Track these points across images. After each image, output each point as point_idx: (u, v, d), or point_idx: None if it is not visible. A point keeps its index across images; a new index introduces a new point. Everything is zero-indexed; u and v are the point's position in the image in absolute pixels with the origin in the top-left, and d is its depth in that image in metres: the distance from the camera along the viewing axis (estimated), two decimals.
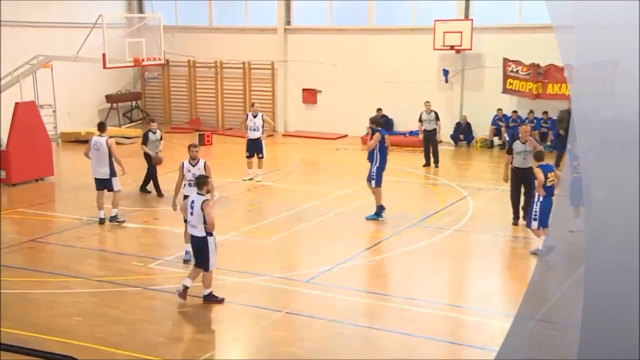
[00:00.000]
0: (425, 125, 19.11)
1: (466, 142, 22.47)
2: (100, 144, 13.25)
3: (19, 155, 16.65)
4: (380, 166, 13.49)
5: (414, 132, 22.80)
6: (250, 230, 13.22)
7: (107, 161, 13.25)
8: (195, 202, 9.39)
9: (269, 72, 25.43)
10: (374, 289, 9.90)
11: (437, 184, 17.40)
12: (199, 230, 9.40)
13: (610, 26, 5.53)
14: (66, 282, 10.49)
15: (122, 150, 21.73)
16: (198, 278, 9.71)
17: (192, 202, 9.46)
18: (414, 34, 23.03)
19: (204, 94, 26.88)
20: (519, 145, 12.83)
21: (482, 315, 9.35)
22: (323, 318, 9.23)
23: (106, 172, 13.32)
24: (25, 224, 13.73)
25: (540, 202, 11.27)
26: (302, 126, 24.96)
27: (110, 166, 13.31)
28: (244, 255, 11.93)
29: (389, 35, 23.54)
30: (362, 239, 12.71)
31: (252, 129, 16.94)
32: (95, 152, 13.32)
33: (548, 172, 11.32)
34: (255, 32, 25.55)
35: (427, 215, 14.07)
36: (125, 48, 19.28)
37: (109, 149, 13.22)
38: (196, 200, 9.41)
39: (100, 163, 13.26)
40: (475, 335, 8.81)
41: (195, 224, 9.42)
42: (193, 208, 9.40)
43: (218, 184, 16.63)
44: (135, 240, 12.80)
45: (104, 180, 13.38)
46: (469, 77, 22.62)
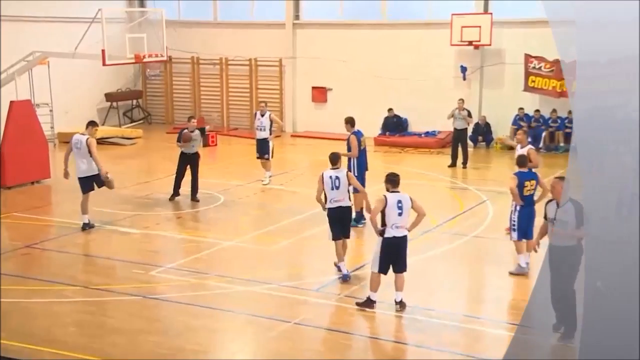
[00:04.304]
0: (457, 123, 19.14)
1: (485, 143, 22.39)
2: (80, 142, 13.23)
3: (13, 157, 16.70)
4: (358, 175, 12.96)
5: (430, 132, 22.78)
6: (257, 235, 13.21)
7: (89, 157, 13.18)
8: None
9: (276, 69, 25.45)
10: (387, 298, 9.85)
11: (455, 188, 17.33)
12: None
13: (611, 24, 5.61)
14: (63, 291, 10.50)
15: (123, 152, 21.97)
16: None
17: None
18: (430, 28, 22.97)
19: (208, 93, 26.93)
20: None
21: (501, 327, 9.28)
22: (333, 329, 9.20)
23: (89, 168, 13.21)
24: (21, 229, 13.77)
25: (518, 212, 11.05)
26: (311, 126, 24.94)
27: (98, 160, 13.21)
28: (250, 262, 11.91)
29: (403, 30, 23.49)
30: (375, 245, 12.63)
31: (259, 128, 16.94)
32: (76, 150, 13.30)
33: (526, 179, 11.07)
34: (262, 27, 25.58)
35: (445, 221, 14.01)
36: (126, 44, 19.30)
37: (88, 148, 13.14)
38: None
39: (84, 160, 13.24)
40: (494, 348, 8.74)
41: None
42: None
43: (223, 187, 16.68)
44: (135, 247, 12.80)
45: (88, 178, 13.29)
46: (488, 74, 22.53)
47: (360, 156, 13.37)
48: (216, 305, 10.01)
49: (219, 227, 13.87)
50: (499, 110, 22.31)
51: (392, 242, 9.58)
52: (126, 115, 27.28)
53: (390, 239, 9.57)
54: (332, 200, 10.87)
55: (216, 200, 15.59)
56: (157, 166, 19.80)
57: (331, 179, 10.83)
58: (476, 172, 19.21)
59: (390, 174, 9.77)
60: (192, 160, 15.34)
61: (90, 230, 13.35)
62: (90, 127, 13.48)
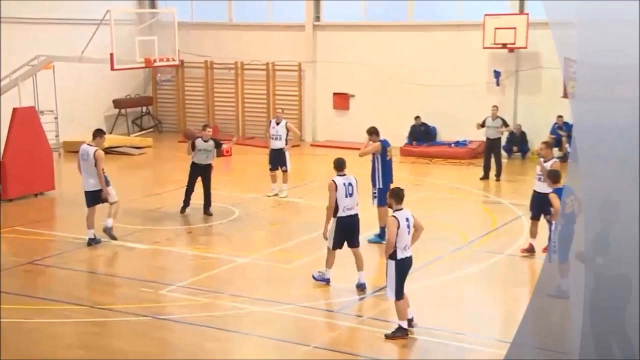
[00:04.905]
0: (489, 132, 19.08)
1: (521, 154, 22.27)
2: (88, 154, 13.33)
3: (16, 167, 16.84)
4: (384, 188, 13.04)
5: (461, 142, 22.71)
6: (273, 252, 13.22)
7: (95, 172, 13.27)
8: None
9: (295, 74, 25.55)
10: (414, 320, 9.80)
11: (488, 202, 17.24)
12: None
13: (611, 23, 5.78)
14: (67, 311, 10.56)
15: (131, 162, 22.13)
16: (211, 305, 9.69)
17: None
18: (461, 30, 22.95)
19: (222, 99, 27.07)
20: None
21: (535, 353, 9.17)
22: (356, 354, 9.16)
23: (96, 183, 13.31)
24: (22, 244, 13.89)
25: (559, 232, 10.94)
26: (332, 135, 24.98)
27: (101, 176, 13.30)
28: (266, 281, 11.92)
29: (431, 32, 23.49)
30: None
31: (275, 137, 16.98)
32: (83, 162, 13.42)
33: (566, 196, 10.95)
34: (280, 29, 25.71)
35: (476, 237, 13.94)
36: (136, 47, 19.48)
37: (95, 161, 13.25)
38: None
39: (90, 174, 13.33)
40: None
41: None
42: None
43: (238, 200, 16.73)
44: (144, 263, 12.87)
45: (96, 192, 13.40)
46: (524, 79, 22.44)
47: (385, 167, 13.37)
48: (230, 327, 10.02)
49: (233, 242, 13.91)
50: (535, 118, 22.19)
51: (405, 263, 9.55)
52: (135, 123, 27.49)
53: (403, 261, 9.51)
54: (345, 208, 11.00)
55: (230, 214, 15.64)
56: (168, 177, 19.91)
57: (344, 185, 10.95)
58: (510, 185, 19.09)
59: (397, 188, 9.68)
60: (204, 171, 15.39)
61: (96, 245, 13.44)
62: (98, 138, 13.57)
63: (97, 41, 18.29)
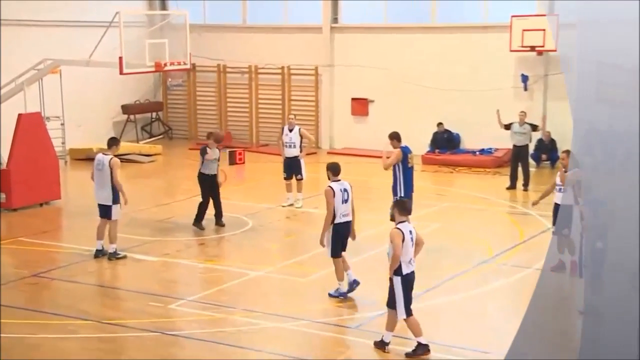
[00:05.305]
0: (516, 139, 19.03)
1: (550, 163, 22.12)
2: (103, 164, 13.42)
3: (21, 175, 16.96)
4: (405, 196, 13.11)
5: (486, 150, 22.63)
6: (288, 265, 13.22)
7: (109, 184, 13.36)
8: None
9: (312, 78, 25.59)
10: (436, 338, 9.75)
11: (515, 213, 17.15)
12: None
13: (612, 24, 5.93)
14: (72, 326, 10.60)
15: (141, 170, 22.23)
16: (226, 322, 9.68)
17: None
18: (486, 32, 22.90)
19: (235, 105, 27.16)
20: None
21: None
22: None
23: (108, 197, 13.41)
24: (27, 255, 13.98)
25: None
26: (350, 142, 24.97)
27: (113, 190, 13.39)
28: (281, 295, 11.91)
29: (455, 35, 23.47)
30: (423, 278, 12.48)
31: (288, 145, 17.01)
32: (97, 172, 13.51)
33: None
34: (296, 32, 25.77)
35: (502, 251, 13.86)
36: (145, 51, 19.56)
37: (110, 170, 13.34)
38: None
39: (103, 185, 13.42)
40: None
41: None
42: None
43: (252, 210, 16.74)
44: (153, 276, 12.90)
45: (105, 207, 13.49)
46: (553, 83, 22.33)
47: (406, 175, 13.36)
48: (243, 344, 10.02)
49: (246, 255, 13.90)
50: (565, 125, 22.03)
51: (410, 278, 9.52)
52: (145, 130, 27.63)
53: (409, 275, 9.49)
54: (342, 214, 11.30)
55: (243, 225, 15.66)
56: (178, 186, 19.99)
57: (341, 192, 11.26)
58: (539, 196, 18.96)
59: (403, 200, 9.71)
60: (213, 181, 15.42)
61: (104, 257, 13.49)
62: (113, 147, 13.67)
63: (106, 44, 18.39)
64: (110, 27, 18.52)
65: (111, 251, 13.48)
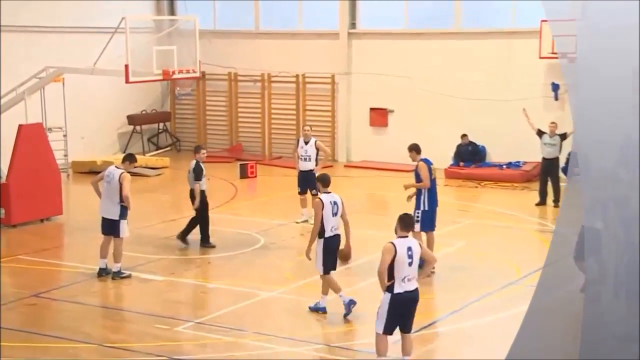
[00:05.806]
0: (546, 151, 18.93)
1: None
2: (113, 176, 13.48)
3: (21, 190, 17.01)
4: (429, 210, 13.34)
5: (513, 163, 22.55)
6: (302, 285, 13.20)
7: (117, 198, 13.41)
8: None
9: (328, 87, 25.64)
10: None
11: (545, 231, 17.06)
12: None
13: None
14: (74, 349, 10.63)
15: (147, 184, 22.29)
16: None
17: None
18: (514, 38, 22.88)
19: (247, 115, 27.22)
20: None
21: None
22: None
23: (116, 211, 13.47)
24: (27, 274, 14.03)
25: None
26: (368, 155, 24.97)
27: (121, 205, 13.44)
28: (294, 317, 11.89)
29: (480, 40, 23.44)
30: (446, 300, 12.49)
31: (304, 158, 17.04)
32: (106, 184, 13.57)
33: None
34: (311, 38, 25.85)
35: (532, 271, 13.75)
36: (153, 58, 19.66)
37: (120, 185, 13.39)
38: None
39: (111, 199, 13.47)
40: None
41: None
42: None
43: (263, 226, 16.75)
44: (159, 297, 12.92)
45: (112, 222, 13.54)
46: None
47: (431, 188, 13.40)
48: None
49: (258, 274, 13.90)
50: None
51: (403, 298, 9.36)
52: (151, 142, 27.72)
53: (401, 295, 9.34)
54: (332, 228, 11.47)
55: (254, 243, 15.67)
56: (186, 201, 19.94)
57: (330, 204, 11.42)
58: None
59: (406, 215, 9.60)
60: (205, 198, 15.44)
61: (108, 277, 13.54)
62: (127, 162, 13.71)
63: (111, 51, 18.52)
64: (115, 33, 18.64)
65: (115, 270, 13.53)
